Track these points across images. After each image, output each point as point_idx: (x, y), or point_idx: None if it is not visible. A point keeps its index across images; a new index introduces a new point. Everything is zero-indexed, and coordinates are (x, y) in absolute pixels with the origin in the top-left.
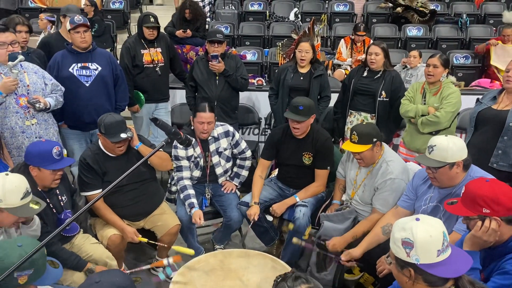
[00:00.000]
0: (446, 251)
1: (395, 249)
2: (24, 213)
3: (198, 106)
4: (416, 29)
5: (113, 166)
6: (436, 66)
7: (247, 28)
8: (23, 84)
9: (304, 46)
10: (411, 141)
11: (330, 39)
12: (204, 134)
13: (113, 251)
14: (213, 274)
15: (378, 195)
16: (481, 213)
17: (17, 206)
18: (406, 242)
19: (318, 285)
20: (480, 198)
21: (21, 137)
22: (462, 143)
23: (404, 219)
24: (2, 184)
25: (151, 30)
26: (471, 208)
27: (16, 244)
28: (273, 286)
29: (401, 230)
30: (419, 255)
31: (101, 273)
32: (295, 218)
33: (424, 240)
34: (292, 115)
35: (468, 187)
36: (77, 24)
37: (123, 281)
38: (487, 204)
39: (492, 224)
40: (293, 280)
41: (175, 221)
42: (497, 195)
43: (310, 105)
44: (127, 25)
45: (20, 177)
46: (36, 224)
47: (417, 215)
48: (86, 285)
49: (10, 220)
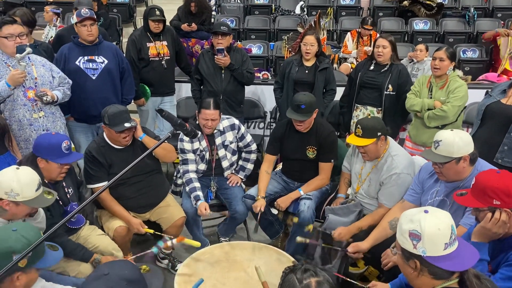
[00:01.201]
0: (453, 244)
1: (401, 240)
2: (40, 204)
3: (203, 102)
4: (423, 22)
5: (119, 158)
6: (443, 59)
7: (252, 21)
8: (31, 77)
9: (309, 39)
10: (417, 135)
11: (336, 32)
12: (208, 129)
13: (119, 243)
14: (218, 265)
15: (383, 190)
16: (491, 204)
17: (33, 197)
18: (413, 234)
19: (327, 278)
20: (490, 189)
21: (28, 129)
22: (468, 138)
23: (412, 211)
24: (18, 179)
25: (157, 23)
26: (481, 199)
27: (10, 229)
28: (282, 278)
29: (409, 222)
30: (426, 248)
31: (110, 265)
32: (299, 211)
33: (432, 233)
34: (295, 115)
35: (478, 178)
36: (83, 18)
37: (132, 274)
38: (497, 196)
39: (503, 216)
40: (302, 272)
41: (180, 213)
42: (508, 187)
43: (311, 102)
44: (133, 19)
45: (31, 170)
46: (41, 216)
47: (426, 207)
48: (95, 277)
49: (24, 212)
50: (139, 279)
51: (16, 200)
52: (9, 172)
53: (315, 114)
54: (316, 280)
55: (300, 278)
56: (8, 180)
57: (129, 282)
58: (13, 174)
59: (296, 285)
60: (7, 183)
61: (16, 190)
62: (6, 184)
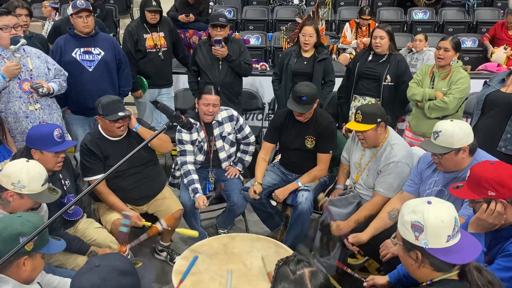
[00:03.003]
0: (456, 236)
1: (403, 231)
2: (43, 199)
3: (204, 88)
4: (422, 12)
5: (114, 150)
6: (447, 49)
7: (250, 12)
8: (26, 69)
9: (308, 30)
10: (417, 125)
11: (335, 23)
12: (209, 116)
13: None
14: (216, 258)
15: (380, 178)
16: (486, 196)
17: (38, 192)
18: (416, 225)
19: (320, 268)
20: (485, 181)
21: (24, 122)
22: (468, 128)
23: (415, 201)
24: (27, 171)
25: (153, 14)
26: (476, 191)
27: (16, 216)
28: (275, 270)
29: (412, 213)
30: (428, 239)
31: (101, 257)
32: (297, 203)
33: (435, 225)
34: (296, 107)
35: (473, 170)
36: (79, 9)
37: (124, 265)
38: (492, 187)
39: (498, 207)
40: (296, 263)
41: (178, 205)
42: (502, 178)
43: (313, 93)
44: (130, 10)
45: (39, 164)
46: (44, 209)
47: (429, 197)
48: (86, 269)
49: (27, 206)
50: (131, 271)
51: (21, 192)
52: (19, 163)
53: (316, 104)
54: (309, 271)
55: (294, 269)
56: (17, 171)
57: (121, 273)
58: (22, 165)
59: (290, 276)
60: (15, 174)
61: (24, 182)
62: (14, 175)
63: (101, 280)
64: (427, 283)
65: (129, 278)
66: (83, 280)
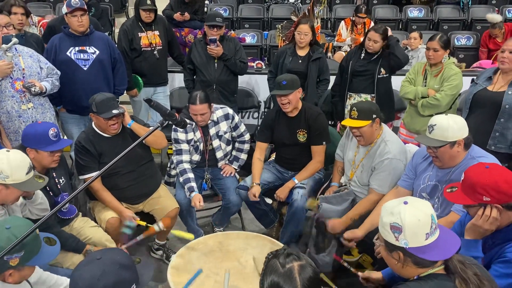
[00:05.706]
0: (434, 233)
1: (384, 232)
2: (30, 187)
3: (190, 97)
4: (417, 10)
5: (109, 147)
6: (436, 49)
7: (246, 10)
8: (18, 68)
9: (303, 28)
10: (411, 123)
11: (330, 21)
12: (200, 123)
13: (112, 234)
14: (212, 255)
15: (375, 175)
16: (481, 201)
17: (23, 181)
18: (394, 226)
19: (310, 262)
20: (480, 186)
21: (17, 121)
22: (462, 122)
23: (392, 203)
24: (8, 161)
25: (148, 13)
26: (471, 196)
27: (4, 227)
28: (265, 263)
29: (389, 215)
30: (407, 239)
31: (102, 251)
32: (293, 200)
33: (412, 224)
34: (277, 91)
35: (467, 174)
36: (74, 8)
37: (125, 259)
38: (487, 192)
39: (493, 213)
40: (285, 257)
41: (173, 204)
42: (497, 183)
43: (292, 79)
44: (125, 9)
45: (21, 153)
46: (40, 197)
47: (405, 197)
48: (87, 262)
49: (15, 196)
50: (130, 265)
51: (5, 183)
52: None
53: (299, 94)
54: (298, 264)
55: (283, 263)
56: None
57: (121, 266)
58: (3, 156)
59: (279, 269)
60: None
61: (6, 172)
62: None
63: (101, 272)
64: (414, 278)
65: (128, 272)
66: (84, 271)
